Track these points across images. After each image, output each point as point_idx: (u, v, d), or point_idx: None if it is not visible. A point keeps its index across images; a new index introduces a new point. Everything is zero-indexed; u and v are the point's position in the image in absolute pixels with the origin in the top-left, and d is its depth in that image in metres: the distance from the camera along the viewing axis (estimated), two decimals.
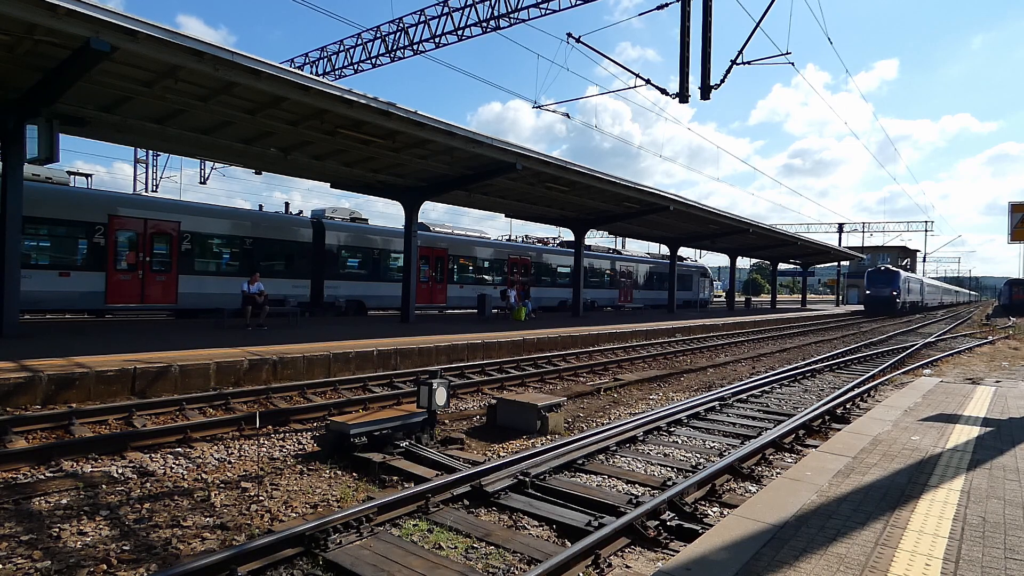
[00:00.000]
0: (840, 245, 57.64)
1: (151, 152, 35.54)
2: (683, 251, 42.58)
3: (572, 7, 16.93)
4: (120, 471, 5.75)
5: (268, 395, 9.13)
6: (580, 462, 6.22)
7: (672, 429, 7.98)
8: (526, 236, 39.14)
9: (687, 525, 4.59)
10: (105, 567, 3.89)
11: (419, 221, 20.99)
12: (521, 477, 5.44)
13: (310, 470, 5.98)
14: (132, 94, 11.49)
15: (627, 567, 4.06)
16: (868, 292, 47.10)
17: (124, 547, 4.18)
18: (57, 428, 6.98)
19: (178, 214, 17.69)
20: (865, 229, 63.53)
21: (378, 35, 21.31)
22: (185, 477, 5.72)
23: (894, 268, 49.05)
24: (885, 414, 7.33)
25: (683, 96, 13.19)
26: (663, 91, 14.13)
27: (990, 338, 24.86)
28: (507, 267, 29.12)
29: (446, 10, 19.14)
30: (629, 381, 11.82)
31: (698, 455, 6.87)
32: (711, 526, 4.17)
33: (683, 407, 8.78)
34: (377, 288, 23.12)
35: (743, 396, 10.23)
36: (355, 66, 22.36)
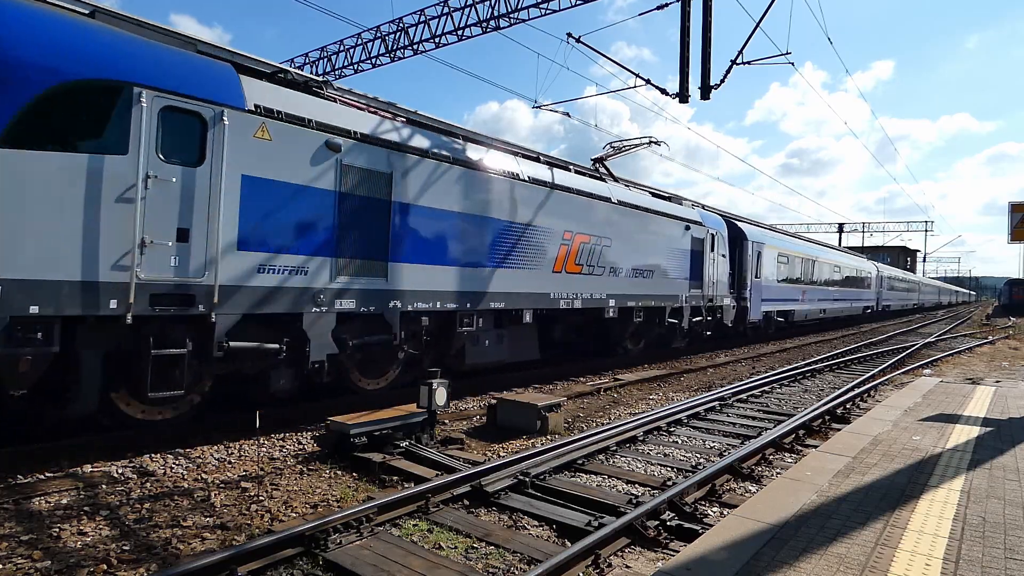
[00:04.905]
0: (840, 245, 57.64)
1: None
2: None
3: (572, 7, 16.90)
4: (120, 471, 5.75)
5: None
6: (580, 462, 6.23)
7: (672, 429, 7.98)
8: None
9: (687, 525, 4.59)
10: (105, 567, 3.89)
11: None
12: (521, 477, 5.44)
13: (310, 470, 5.98)
14: None
15: (627, 567, 4.06)
16: None
17: (124, 547, 4.18)
18: None
19: None
20: (865, 229, 63.51)
21: (378, 35, 21.29)
22: (185, 477, 5.71)
23: None
24: (885, 414, 7.33)
25: (683, 96, 13.15)
26: (663, 91, 14.09)
27: (990, 338, 24.87)
28: None
29: (446, 10, 19.12)
30: (629, 381, 11.81)
31: (698, 455, 6.87)
32: (711, 526, 4.17)
33: (683, 407, 8.78)
34: None
35: (743, 396, 10.23)
36: (355, 66, 22.34)
